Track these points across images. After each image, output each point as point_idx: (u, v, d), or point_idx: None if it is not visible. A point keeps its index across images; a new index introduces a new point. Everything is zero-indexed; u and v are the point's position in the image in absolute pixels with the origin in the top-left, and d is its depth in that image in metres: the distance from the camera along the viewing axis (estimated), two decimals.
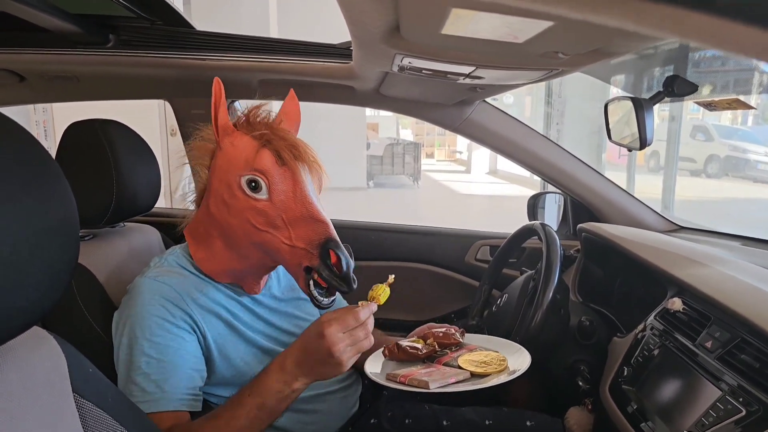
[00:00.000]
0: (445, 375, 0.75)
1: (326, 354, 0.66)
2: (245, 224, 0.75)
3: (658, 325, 0.87)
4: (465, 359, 0.81)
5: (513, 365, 0.79)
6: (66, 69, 1.17)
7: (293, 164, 0.74)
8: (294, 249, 0.72)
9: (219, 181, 0.78)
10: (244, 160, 0.75)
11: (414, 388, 0.73)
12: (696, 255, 0.96)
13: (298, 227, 0.72)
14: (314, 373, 0.70)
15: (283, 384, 0.69)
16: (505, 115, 1.30)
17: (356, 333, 0.67)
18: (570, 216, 1.46)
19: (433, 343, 0.86)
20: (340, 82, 1.13)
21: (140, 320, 0.74)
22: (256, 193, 0.73)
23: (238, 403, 0.70)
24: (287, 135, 0.78)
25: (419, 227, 1.56)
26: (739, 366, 0.68)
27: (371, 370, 0.80)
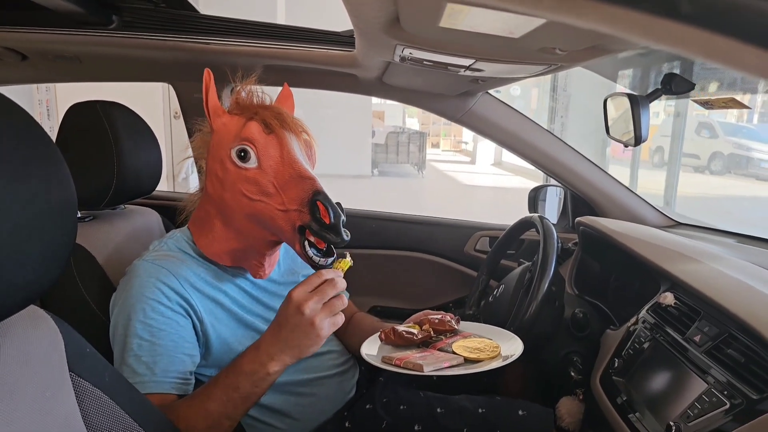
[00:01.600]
0: (439, 359, 0.77)
1: (296, 316, 0.65)
2: (238, 196, 0.76)
3: (649, 318, 0.88)
4: (459, 345, 0.82)
5: (506, 352, 0.80)
6: (68, 49, 1.16)
7: (280, 131, 0.76)
8: (287, 213, 0.72)
9: (213, 160, 0.79)
10: (234, 134, 0.77)
11: (409, 371, 0.74)
12: (690, 251, 0.97)
13: (288, 190, 0.72)
14: (290, 347, 0.68)
15: (258, 365, 0.68)
16: (507, 107, 1.30)
17: (323, 290, 0.66)
18: (569, 209, 1.46)
19: (428, 329, 0.87)
20: (343, 70, 1.13)
21: (135, 302, 0.75)
22: (245, 162, 0.75)
23: (214, 384, 0.70)
24: (274, 107, 0.80)
25: (420, 217, 1.57)
26: (725, 360, 0.70)
27: (367, 353, 0.81)
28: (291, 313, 0.66)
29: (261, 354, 0.69)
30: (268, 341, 0.69)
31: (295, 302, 0.66)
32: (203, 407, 0.69)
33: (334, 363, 0.97)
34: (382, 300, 1.49)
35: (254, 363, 0.69)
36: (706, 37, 0.18)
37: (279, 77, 1.25)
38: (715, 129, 8.14)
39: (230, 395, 0.69)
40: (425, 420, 0.91)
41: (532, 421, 0.91)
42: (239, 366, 0.69)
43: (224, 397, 0.68)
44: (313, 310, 0.66)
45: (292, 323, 0.67)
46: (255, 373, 0.69)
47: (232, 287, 0.86)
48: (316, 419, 0.92)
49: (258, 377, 0.69)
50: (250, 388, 0.69)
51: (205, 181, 0.83)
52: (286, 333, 0.68)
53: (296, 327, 0.67)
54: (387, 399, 0.96)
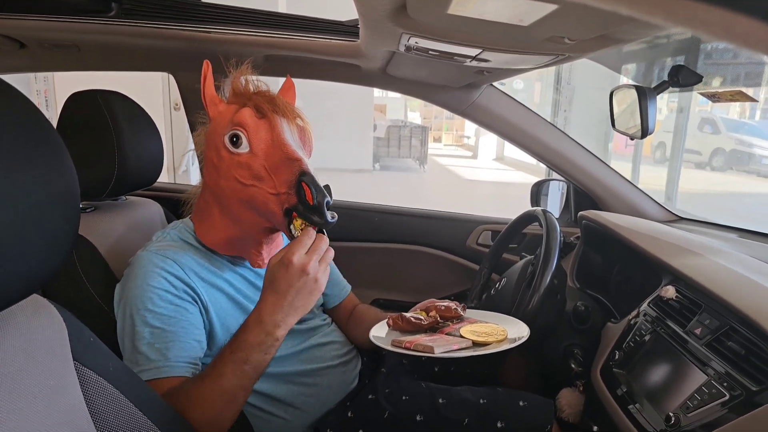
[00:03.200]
0: (448, 341, 0.77)
1: (301, 279, 0.67)
2: (232, 182, 0.76)
3: (651, 311, 0.89)
4: (467, 330, 0.83)
5: (513, 336, 0.81)
6: (67, 37, 1.15)
7: (272, 115, 0.76)
8: (279, 197, 0.73)
9: (209, 148, 0.80)
10: (227, 121, 0.77)
11: (419, 353, 0.74)
12: (691, 245, 0.97)
13: (279, 173, 0.73)
14: (295, 308, 0.70)
15: (265, 335, 0.69)
16: (512, 100, 1.30)
17: (318, 246, 0.69)
18: (572, 203, 1.46)
19: (435, 315, 0.88)
20: (346, 61, 1.13)
21: (143, 292, 0.75)
22: (237, 147, 0.75)
23: (221, 363, 0.71)
24: (267, 92, 0.80)
25: (422, 211, 1.57)
26: (726, 352, 0.70)
27: (377, 337, 0.82)
28: (295, 276, 0.67)
29: (266, 324, 0.69)
30: (271, 310, 0.69)
31: (297, 266, 0.67)
32: (217, 386, 0.69)
33: (336, 354, 0.97)
34: (384, 293, 1.50)
35: (261, 334, 0.69)
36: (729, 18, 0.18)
37: (281, 67, 1.25)
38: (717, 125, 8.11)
39: (241, 368, 0.69)
40: (427, 410, 0.92)
41: (533, 412, 0.92)
42: (245, 341, 0.70)
43: (236, 371, 0.69)
44: (315, 269, 0.68)
45: (298, 286, 0.68)
46: (263, 343, 0.69)
47: (235, 276, 0.86)
48: (319, 409, 0.93)
49: (266, 345, 0.70)
50: (261, 357, 0.70)
51: (203, 169, 0.83)
52: (290, 297, 0.68)
53: (302, 288, 0.68)
54: (389, 389, 0.96)
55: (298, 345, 0.92)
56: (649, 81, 1.39)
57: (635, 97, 0.83)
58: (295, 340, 0.92)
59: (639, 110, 0.80)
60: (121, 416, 0.55)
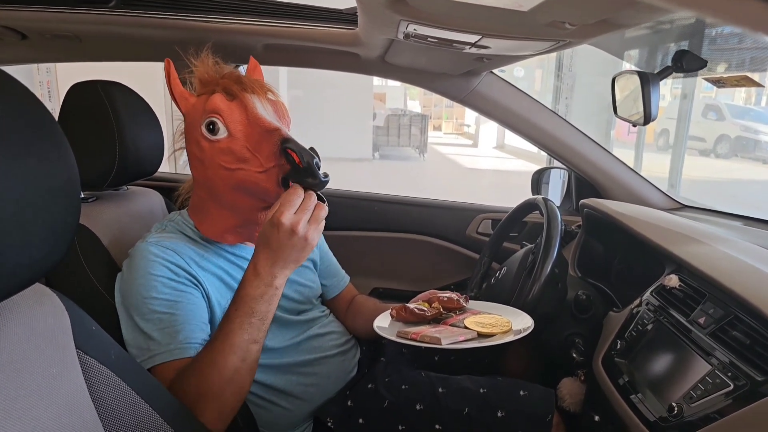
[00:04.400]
0: (454, 333, 0.77)
1: (290, 237, 0.67)
2: (219, 171, 0.76)
3: (653, 300, 0.88)
4: (471, 321, 0.82)
5: (517, 327, 0.80)
6: (68, 28, 1.15)
7: (242, 95, 0.75)
8: (268, 172, 0.72)
9: (189, 143, 0.80)
10: (201, 112, 0.77)
11: (426, 344, 0.74)
12: (695, 233, 0.96)
13: (262, 149, 0.72)
14: (290, 262, 0.70)
15: (265, 286, 0.70)
16: (512, 87, 1.28)
17: (306, 205, 0.68)
18: (573, 191, 1.45)
19: (438, 306, 0.87)
20: (345, 49, 1.11)
21: (146, 282, 0.75)
22: (215, 134, 0.75)
23: (228, 321, 0.71)
24: (232, 73, 0.79)
25: (422, 199, 1.56)
26: (730, 342, 0.69)
27: (382, 329, 0.81)
28: (285, 236, 0.67)
29: (264, 276, 0.70)
30: (265, 264, 0.70)
31: (287, 226, 0.67)
32: (228, 343, 0.70)
33: (335, 343, 0.98)
34: (383, 282, 1.50)
35: (260, 286, 0.70)
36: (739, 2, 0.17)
37: (280, 56, 1.24)
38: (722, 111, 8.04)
39: (249, 321, 0.70)
40: (427, 400, 0.92)
41: (534, 401, 0.92)
42: (246, 294, 0.70)
43: (245, 325, 0.70)
44: (304, 228, 0.67)
45: (288, 244, 0.68)
46: (265, 294, 0.70)
47: (234, 267, 0.86)
48: (319, 399, 0.93)
49: (269, 296, 0.70)
50: (266, 308, 0.71)
51: (190, 167, 0.83)
52: (283, 254, 0.69)
53: (292, 246, 0.68)
54: (389, 379, 0.97)
55: (297, 336, 0.92)
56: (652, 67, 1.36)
57: (638, 83, 0.81)
58: (294, 332, 0.92)
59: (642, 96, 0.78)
60: (123, 403, 0.56)
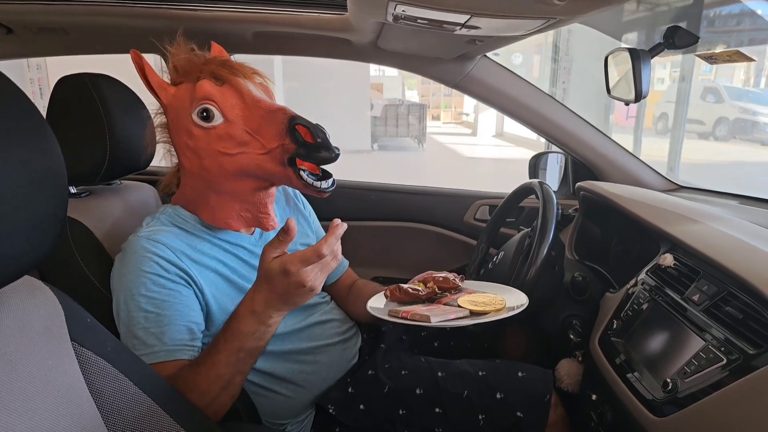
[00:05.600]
0: (446, 311, 0.77)
1: (297, 287, 0.65)
2: (218, 157, 0.74)
3: (649, 280, 0.88)
4: (464, 300, 0.82)
5: (511, 305, 0.80)
6: (53, 20, 1.13)
7: (232, 78, 0.74)
8: (272, 153, 0.71)
9: (178, 134, 0.78)
10: (188, 100, 0.75)
11: (416, 322, 0.74)
12: (690, 212, 0.96)
13: (264, 130, 0.71)
14: (287, 305, 0.69)
15: (258, 324, 0.69)
16: (507, 71, 1.27)
17: (325, 262, 0.66)
18: (570, 175, 1.45)
19: (433, 286, 0.87)
20: (336, 35, 1.10)
21: (135, 278, 0.75)
22: (210, 121, 0.73)
23: (216, 350, 0.70)
24: (215, 58, 0.78)
25: (419, 187, 1.56)
26: (723, 318, 0.70)
27: (373, 307, 0.81)
28: (292, 286, 0.65)
29: (258, 315, 0.68)
30: (262, 304, 0.68)
31: (295, 278, 0.64)
32: (213, 373, 0.69)
33: (336, 331, 0.98)
34: (383, 271, 1.50)
35: (253, 323, 0.69)
36: None
37: (270, 44, 1.23)
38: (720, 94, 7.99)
39: (236, 356, 0.69)
40: (426, 384, 0.93)
41: (532, 383, 0.92)
42: (237, 330, 0.69)
43: (231, 359, 0.69)
44: (314, 280, 0.65)
45: (292, 292, 0.66)
46: (257, 331, 0.69)
47: (229, 256, 0.86)
48: (320, 386, 0.93)
49: (260, 333, 0.69)
50: (255, 344, 0.70)
51: (179, 159, 0.81)
52: (282, 298, 0.67)
53: (296, 294, 0.67)
54: (389, 365, 0.97)
55: (298, 323, 0.92)
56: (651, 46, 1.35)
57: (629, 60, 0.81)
58: (295, 319, 0.92)
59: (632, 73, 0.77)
60: (122, 394, 0.56)
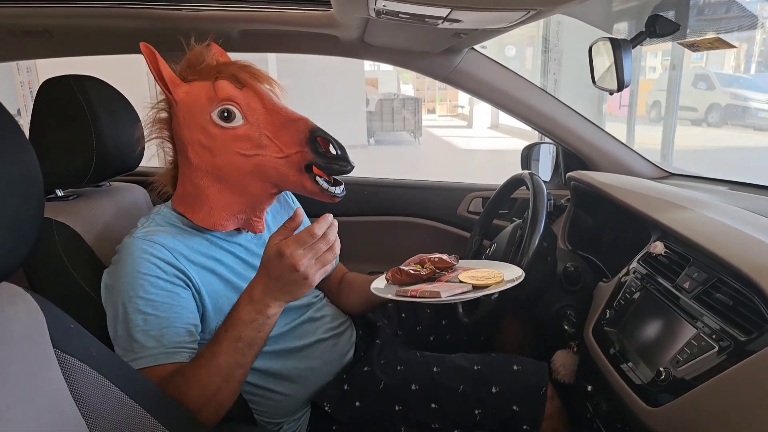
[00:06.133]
0: (451, 287, 0.78)
1: (291, 272, 0.66)
2: (234, 157, 0.75)
3: (640, 268, 0.88)
4: (464, 276, 0.83)
5: (509, 277, 0.81)
6: (38, 23, 1.12)
7: (252, 82, 0.76)
8: (289, 158, 0.73)
9: (190, 131, 0.77)
10: (206, 99, 0.75)
11: (427, 299, 0.75)
12: (680, 199, 0.96)
13: (282, 136, 0.73)
14: (284, 294, 0.69)
15: (256, 313, 0.69)
16: (495, 63, 1.27)
17: (317, 246, 0.66)
18: (561, 165, 1.45)
19: (431, 266, 0.88)
20: (323, 32, 1.09)
21: (133, 280, 0.74)
22: (231, 122, 0.75)
23: (216, 342, 0.71)
24: (235, 61, 0.80)
25: (412, 181, 1.55)
26: (714, 305, 0.70)
27: (379, 290, 0.82)
28: (285, 270, 0.66)
29: (257, 303, 0.69)
30: (261, 291, 0.69)
31: (288, 260, 0.65)
32: (213, 364, 0.69)
33: (328, 327, 0.98)
34: (377, 266, 1.49)
35: (252, 312, 0.69)
36: None
37: (257, 42, 1.22)
38: (712, 80, 8.01)
39: (236, 346, 0.69)
40: (422, 379, 0.93)
41: (527, 375, 0.93)
42: (237, 318, 0.70)
43: (230, 348, 0.69)
44: (307, 267, 0.66)
45: (286, 278, 0.67)
46: (255, 321, 0.69)
47: (226, 255, 0.85)
48: (315, 382, 0.93)
49: (258, 323, 0.69)
50: (254, 334, 0.70)
51: (184, 156, 0.80)
52: (279, 284, 0.68)
53: (291, 281, 0.67)
54: (385, 360, 0.97)
55: (291, 323, 0.92)
56: None
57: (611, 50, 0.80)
58: (288, 318, 0.92)
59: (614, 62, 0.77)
60: (107, 401, 0.56)
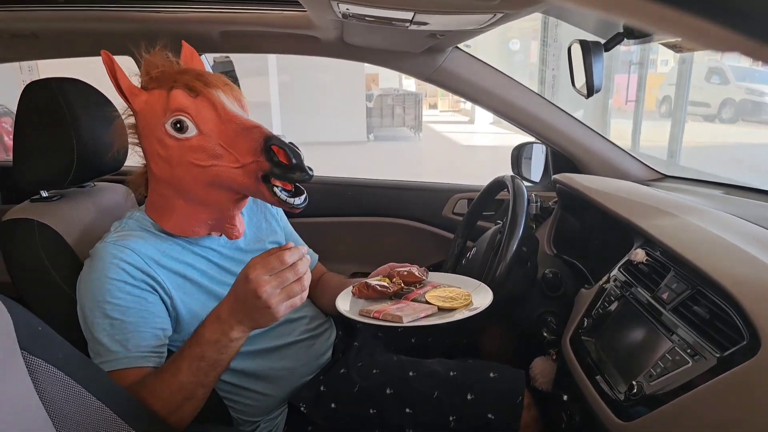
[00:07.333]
0: (416, 310, 0.77)
1: (253, 298, 0.64)
2: (190, 168, 0.74)
3: (620, 276, 0.86)
4: (432, 295, 0.82)
5: (477, 301, 0.80)
6: (24, 26, 1.14)
7: (206, 91, 0.73)
8: (245, 168, 0.71)
9: (149, 142, 0.77)
10: (161, 109, 0.74)
11: (388, 323, 0.74)
12: (666, 204, 0.93)
13: (238, 145, 0.71)
14: (249, 320, 0.68)
15: (220, 333, 0.68)
16: (480, 62, 1.24)
17: (283, 275, 0.65)
18: (551, 166, 1.42)
19: (399, 281, 0.87)
20: (302, 32, 1.08)
21: (101, 284, 0.75)
22: (184, 132, 0.73)
23: (180, 357, 0.70)
24: (190, 69, 0.77)
25: (396, 182, 1.54)
26: (692, 318, 0.68)
27: (343, 308, 0.81)
28: (249, 294, 0.65)
29: (222, 324, 0.68)
30: (227, 311, 0.68)
31: (253, 284, 0.64)
32: (175, 381, 0.69)
33: (306, 328, 0.98)
34: (361, 266, 1.48)
35: (216, 332, 0.68)
36: None
37: (238, 43, 1.20)
38: (726, 74, 7.79)
39: (198, 365, 0.69)
40: (397, 383, 0.92)
41: (504, 383, 0.91)
42: (201, 336, 0.69)
43: (193, 367, 0.69)
44: (270, 295, 0.64)
45: (250, 303, 0.66)
46: (218, 342, 0.68)
47: (199, 260, 0.85)
48: (291, 382, 0.94)
49: (221, 345, 0.69)
50: (216, 356, 0.69)
51: (148, 164, 0.80)
52: (244, 308, 0.67)
53: (253, 307, 0.66)
54: (362, 363, 0.97)
55: None
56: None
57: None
58: None
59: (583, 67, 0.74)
60: (74, 402, 0.56)
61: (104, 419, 0.59)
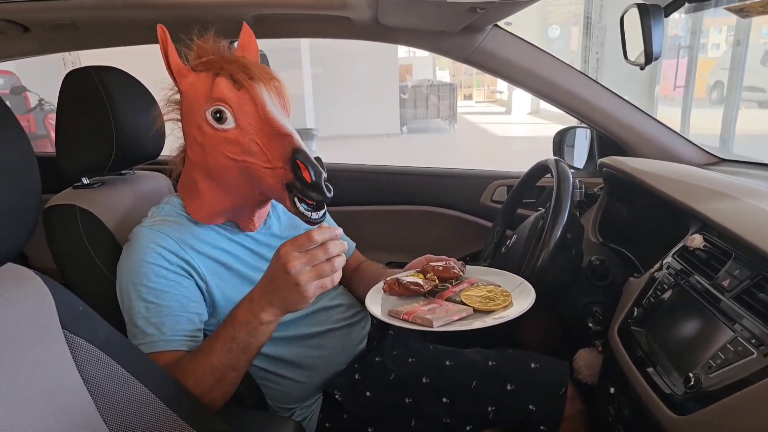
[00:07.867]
0: (448, 312, 0.72)
1: (283, 273, 0.63)
2: (222, 159, 0.74)
3: (675, 264, 0.81)
4: (468, 294, 0.77)
5: (517, 300, 0.75)
6: (65, 16, 1.16)
7: (249, 85, 0.73)
8: (275, 170, 0.70)
9: (188, 124, 0.78)
10: (204, 95, 0.74)
11: (418, 326, 0.70)
12: (725, 187, 0.86)
13: (272, 147, 0.71)
14: (278, 300, 0.67)
15: (251, 314, 0.69)
16: (522, 41, 1.18)
17: (313, 252, 0.64)
18: (596, 151, 1.35)
19: (433, 277, 0.83)
20: (335, 13, 1.06)
21: (138, 268, 0.76)
22: (222, 123, 0.73)
23: (214, 337, 0.71)
24: (238, 59, 0.76)
25: (432, 169, 1.50)
26: (756, 306, 0.62)
27: (371, 306, 0.78)
28: (279, 270, 0.65)
29: (254, 305, 0.69)
30: (260, 292, 0.69)
31: (282, 260, 0.64)
32: (208, 362, 0.70)
33: (342, 316, 0.97)
34: (396, 256, 1.46)
35: (248, 313, 0.69)
36: None
37: (271, 28, 1.20)
38: None
39: (230, 346, 0.70)
40: (433, 373, 0.90)
41: (546, 375, 0.87)
42: (234, 317, 0.70)
43: (224, 348, 0.70)
44: (298, 272, 0.63)
45: (280, 281, 0.65)
46: (248, 323, 0.69)
47: (234, 245, 0.86)
48: (326, 370, 0.93)
49: (252, 326, 0.69)
50: (247, 338, 0.69)
51: (186, 147, 0.81)
52: (274, 288, 0.67)
53: (283, 285, 0.65)
54: (397, 352, 0.95)
55: (304, 309, 0.91)
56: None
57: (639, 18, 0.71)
58: None
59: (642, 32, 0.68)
60: (114, 381, 0.57)
61: (144, 399, 0.59)
